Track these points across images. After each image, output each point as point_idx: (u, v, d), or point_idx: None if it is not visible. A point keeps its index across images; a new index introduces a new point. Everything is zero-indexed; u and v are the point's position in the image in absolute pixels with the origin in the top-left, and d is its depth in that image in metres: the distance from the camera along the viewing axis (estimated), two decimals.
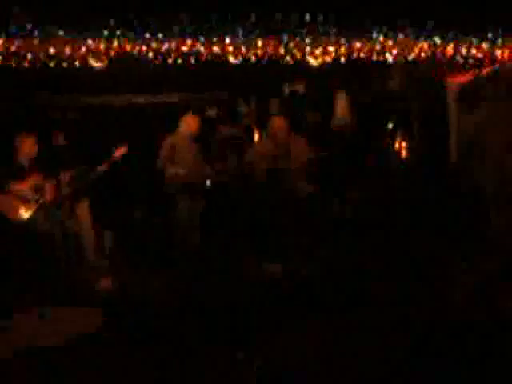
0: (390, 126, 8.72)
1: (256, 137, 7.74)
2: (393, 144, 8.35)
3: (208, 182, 5.90)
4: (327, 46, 4.06)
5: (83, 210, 5.13)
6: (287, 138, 5.81)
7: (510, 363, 2.95)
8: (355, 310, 3.86)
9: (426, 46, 4.52)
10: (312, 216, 5.60)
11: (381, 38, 4.14)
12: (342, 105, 8.65)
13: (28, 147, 4.76)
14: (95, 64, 3.86)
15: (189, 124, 5.72)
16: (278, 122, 5.93)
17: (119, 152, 5.02)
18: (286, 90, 8.56)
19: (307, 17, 3.97)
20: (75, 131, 6.49)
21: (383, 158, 8.16)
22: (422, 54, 4.65)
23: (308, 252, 5.00)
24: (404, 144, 8.40)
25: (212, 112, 8.29)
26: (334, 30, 3.98)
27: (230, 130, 7.89)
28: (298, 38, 4.02)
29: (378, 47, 4.20)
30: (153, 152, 5.75)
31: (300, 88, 8.57)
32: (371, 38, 4.11)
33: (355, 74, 7.18)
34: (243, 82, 6.95)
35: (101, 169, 4.94)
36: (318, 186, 5.77)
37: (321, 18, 3.95)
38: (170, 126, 5.89)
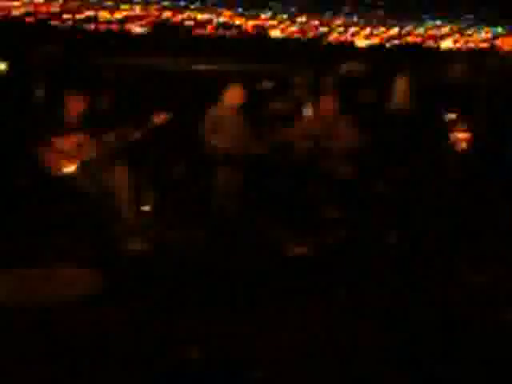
0: (451, 115, 8.38)
1: (307, 112, 7.65)
2: (450, 134, 8.03)
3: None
4: (374, 27, 3.86)
5: (121, 169, 5.23)
6: (334, 118, 5.71)
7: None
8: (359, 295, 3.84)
9: (486, 35, 4.23)
10: (348, 196, 5.53)
11: (437, 23, 3.91)
12: (400, 88, 8.39)
13: (75, 104, 4.88)
14: (136, 29, 3.89)
15: (232, 95, 5.70)
16: (326, 101, 5.83)
17: (158, 119, 5.06)
18: (343, 69, 8.37)
19: None
20: (126, 92, 6.63)
21: (438, 148, 7.87)
22: (484, 45, 4.38)
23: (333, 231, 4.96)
24: (463, 136, 8.05)
25: (267, 84, 8.26)
26: (381, 12, 3.77)
27: (282, 103, 7.85)
28: (341, 17, 3.85)
29: (432, 32, 3.97)
30: (197, 119, 5.79)
31: (357, 68, 8.35)
32: (423, 22, 3.88)
33: (413, 58, 6.92)
34: (300, 57, 6.83)
35: (137, 134, 5.01)
36: (358, 169, 5.66)
37: None
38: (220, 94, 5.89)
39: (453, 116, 8.26)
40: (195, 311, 3.51)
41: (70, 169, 4.74)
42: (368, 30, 8.09)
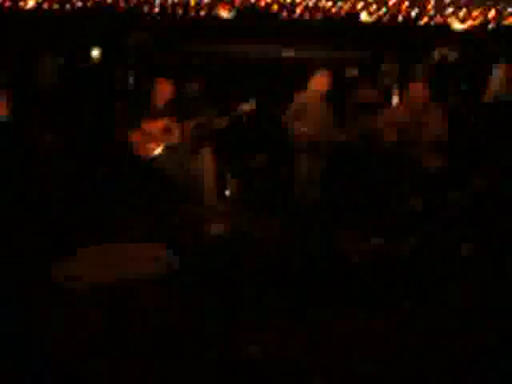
0: None
1: (395, 100, 7.38)
2: None
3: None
4: (472, 9, 3.60)
5: (207, 155, 5.32)
6: (424, 107, 5.45)
7: None
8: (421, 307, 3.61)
9: None
10: (437, 194, 5.27)
11: None
12: (499, 77, 7.87)
13: (164, 91, 5.01)
14: (224, 14, 3.90)
15: (319, 82, 5.60)
16: (416, 89, 5.57)
17: (246, 107, 5.10)
18: (436, 56, 7.95)
19: None
20: (214, 79, 6.71)
21: None
22: None
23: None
24: None
25: (353, 72, 8.05)
26: None
27: (369, 91, 7.62)
28: None
29: None
30: (283, 106, 5.76)
31: (452, 55, 7.91)
32: None
33: None
34: (390, 42, 6.58)
35: (224, 121, 5.09)
36: (448, 158, 5.39)
37: None
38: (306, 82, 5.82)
39: None
40: (261, 305, 3.49)
41: (157, 152, 4.88)
42: (464, 12, 7.47)
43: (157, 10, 5.24)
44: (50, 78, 8.26)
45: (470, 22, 4.28)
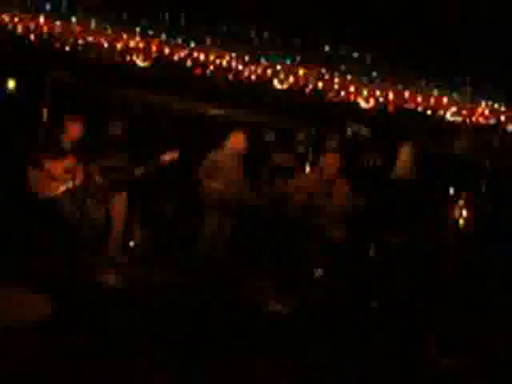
0: (452, 191, 8.31)
1: (307, 168, 7.61)
2: (451, 210, 7.94)
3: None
4: (373, 89, 3.84)
5: (119, 202, 5.15)
6: (333, 177, 5.62)
7: None
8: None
9: (486, 111, 4.21)
10: (336, 257, 5.41)
11: (436, 92, 3.88)
12: (405, 157, 8.36)
13: (73, 130, 4.85)
14: (139, 62, 3.91)
15: (234, 141, 5.67)
16: (329, 159, 5.74)
17: (168, 157, 5.08)
18: (349, 130, 8.35)
19: (355, 54, 3.78)
20: (133, 125, 6.64)
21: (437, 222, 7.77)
22: (485, 120, 4.35)
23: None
24: (464, 212, 7.95)
25: (270, 136, 8.26)
26: (377, 74, 3.76)
27: (284, 155, 7.82)
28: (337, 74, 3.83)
29: (432, 101, 3.95)
30: (198, 161, 5.75)
31: (363, 131, 8.35)
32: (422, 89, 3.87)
33: (415, 126, 6.87)
34: (303, 111, 6.85)
35: (142, 169, 5.02)
36: (350, 231, 5.56)
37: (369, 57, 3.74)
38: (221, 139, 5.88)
39: (454, 191, 8.21)
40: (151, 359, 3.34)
41: (56, 193, 4.67)
42: (366, 91, 7.95)
43: (68, 48, 5.17)
44: None
45: (372, 102, 4.52)
